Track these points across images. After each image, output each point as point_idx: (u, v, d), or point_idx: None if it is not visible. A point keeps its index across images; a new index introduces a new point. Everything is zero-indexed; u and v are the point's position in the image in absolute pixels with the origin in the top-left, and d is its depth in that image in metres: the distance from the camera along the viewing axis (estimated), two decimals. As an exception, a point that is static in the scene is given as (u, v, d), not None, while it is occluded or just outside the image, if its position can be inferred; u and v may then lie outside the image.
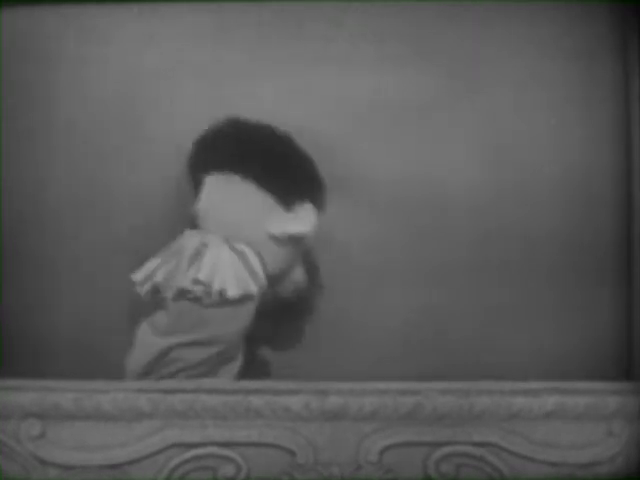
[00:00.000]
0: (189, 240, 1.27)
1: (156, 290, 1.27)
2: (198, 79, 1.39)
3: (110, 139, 1.38)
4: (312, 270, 1.34)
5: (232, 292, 1.23)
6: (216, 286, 1.23)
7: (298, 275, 1.32)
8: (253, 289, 1.24)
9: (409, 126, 1.38)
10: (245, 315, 1.25)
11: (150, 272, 1.28)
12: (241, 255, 1.25)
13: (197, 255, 1.25)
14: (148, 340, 1.25)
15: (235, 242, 1.25)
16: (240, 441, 1.21)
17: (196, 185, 1.30)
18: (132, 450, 1.21)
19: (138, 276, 1.28)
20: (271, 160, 1.27)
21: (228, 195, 1.28)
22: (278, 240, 1.27)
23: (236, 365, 1.27)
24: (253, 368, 1.31)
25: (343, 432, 1.21)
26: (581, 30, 1.38)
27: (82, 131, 1.38)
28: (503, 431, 1.21)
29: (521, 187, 1.37)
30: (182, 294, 1.24)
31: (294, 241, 1.27)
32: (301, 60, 1.39)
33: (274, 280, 1.28)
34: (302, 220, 1.27)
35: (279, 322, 1.34)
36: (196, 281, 1.23)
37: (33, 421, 1.22)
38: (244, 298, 1.24)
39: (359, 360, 1.32)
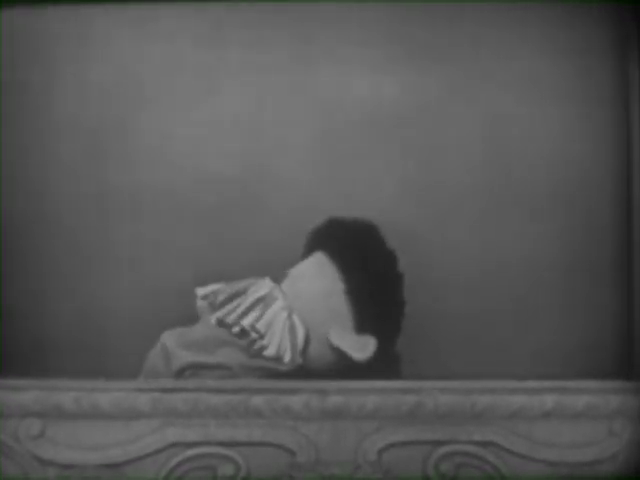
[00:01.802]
0: (261, 285, 1.29)
1: (212, 308, 1.29)
2: (197, 79, 1.39)
3: (110, 139, 1.38)
4: None
5: (270, 352, 1.26)
6: (265, 341, 1.26)
7: None
8: (286, 359, 1.26)
9: (409, 126, 1.38)
10: (262, 372, 1.27)
11: (213, 292, 1.30)
12: (292, 328, 1.27)
13: (260, 302, 1.28)
14: (175, 352, 1.26)
15: (294, 314, 1.28)
16: (240, 440, 1.20)
17: (305, 253, 1.33)
18: (132, 449, 1.21)
19: (202, 291, 1.30)
20: (379, 288, 1.29)
21: (321, 281, 1.30)
22: (331, 349, 1.28)
23: None
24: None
25: (344, 431, 1.20)
26: (581, 30, 1.38)
27: (82, 131, 1.38)
28: (504, 430, 1.21)
29: (520, 187, 1.37)
30: (230, 326, 1.27)
31: (343, 359, 1.28)
32: (301, 60, 1.39)
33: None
34: (363, 348, 1.28)
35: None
36: (253, 328, 1.26)
37: (32, 420, 1.21)
38: (273, 360, 1.27)
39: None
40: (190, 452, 1.21)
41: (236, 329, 1.26)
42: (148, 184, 1.38)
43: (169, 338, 1.26)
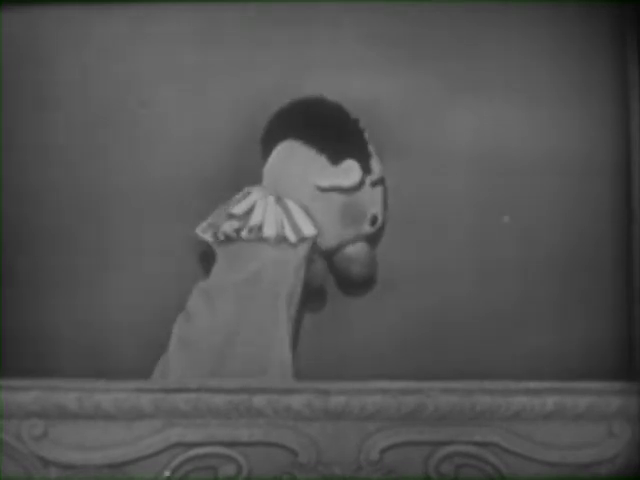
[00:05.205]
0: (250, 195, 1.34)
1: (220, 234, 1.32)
2: (196, 79, 1.39)
3: (109, 140, 1.38)
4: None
5: (267, 232, 1.29)
6: (251, 222, 1.30)
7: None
8: (291, 237, 1.30)
9: (409, 127, 1.38)
10: (286, 260, 1.30)
11: (213, 220, 1.33)
12: (285, 208, 1.31)
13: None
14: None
15: (284, 196, 1.32)
16: (242, 440, 1.21)
17: (265, 155, 1.36)
18: (134, 450, 1.22)
19: (201, 228, 1.33)
20: (319, 120, 1.34)
21: (285, 158, 1.34)
22: (325, 193, 1.32)
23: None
24: None
25: (345, 431, 1.21)
26: (581, 30, 1.38)
27: (81, 132, 1.38)
28: (504, 431, 1.22)
29: (520, 188, 1.37)
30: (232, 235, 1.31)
31: (341, 203, 1.32)
32: (300, 61, 1.39)
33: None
34: (349, 172, 1.32)
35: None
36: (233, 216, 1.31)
37: (35, 421, 1.22)
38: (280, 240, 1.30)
39: (361, 359, 1.32)
40: (192, 452, 1.21)
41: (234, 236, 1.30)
42: (147, 184, 1.38)
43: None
